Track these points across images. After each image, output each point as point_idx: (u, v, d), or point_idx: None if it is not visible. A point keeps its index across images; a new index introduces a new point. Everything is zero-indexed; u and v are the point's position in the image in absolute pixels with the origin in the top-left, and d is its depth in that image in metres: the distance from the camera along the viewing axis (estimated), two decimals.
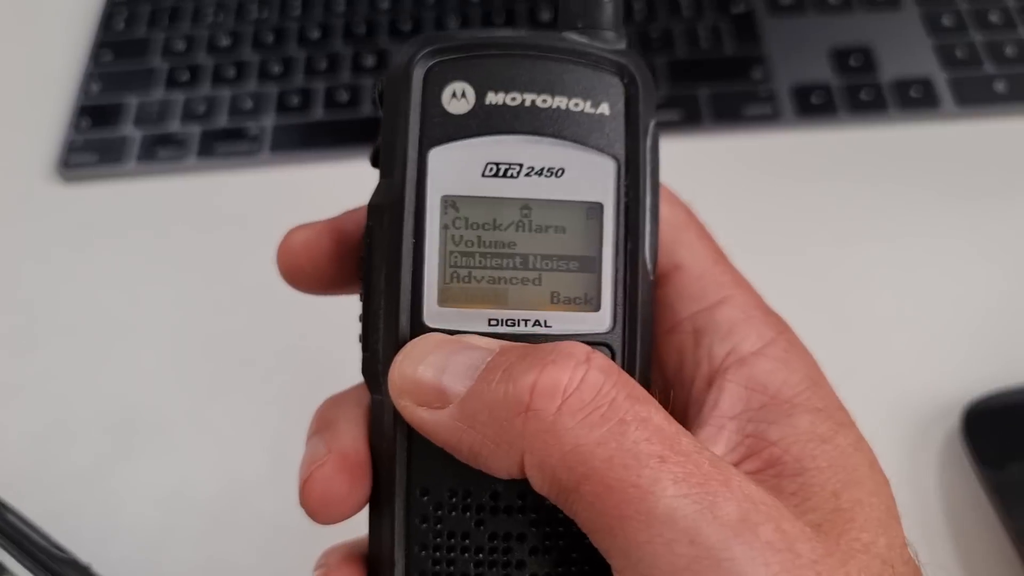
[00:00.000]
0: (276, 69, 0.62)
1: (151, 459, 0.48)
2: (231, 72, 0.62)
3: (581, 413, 0.21)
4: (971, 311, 0.50)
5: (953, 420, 0.45)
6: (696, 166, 0.57)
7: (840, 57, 0.59)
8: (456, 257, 0.26)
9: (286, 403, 0.49)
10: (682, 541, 0.20)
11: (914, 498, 0.44)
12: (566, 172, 0.26)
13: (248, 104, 0.60)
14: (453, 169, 0.25)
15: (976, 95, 0.57)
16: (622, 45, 0.27)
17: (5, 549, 0.37)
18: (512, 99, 0.26)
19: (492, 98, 0.25)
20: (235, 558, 0.44)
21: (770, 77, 0.59)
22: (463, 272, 0.26)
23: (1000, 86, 0.57)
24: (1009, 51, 0.58)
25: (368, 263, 0.26)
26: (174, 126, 0.60)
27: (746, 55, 0.60)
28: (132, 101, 0.61)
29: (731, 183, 0.56)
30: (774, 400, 0.26)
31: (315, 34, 0.63)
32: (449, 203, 0.26)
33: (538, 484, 0.22)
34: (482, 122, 0.25)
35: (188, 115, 0.60)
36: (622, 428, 0.21)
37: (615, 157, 0.26)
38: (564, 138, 0.26)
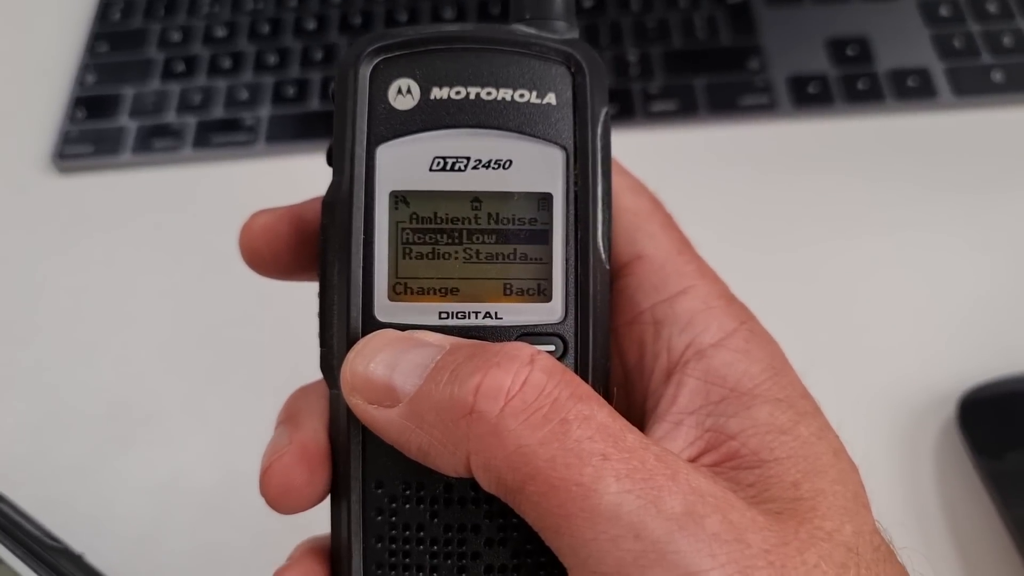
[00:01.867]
0: (272, 60, 0.62)
1: (145, 449, 0.48)
2: (227, 63, 0.62)
3: (524, 414, 0.21)
4: (968, 300, 0.50)
5: (949, 409, 0.45)
6: (692, 156, 0.57)
7: (837, 47, 0.59)
8: (406, 252, 0.26)
9: (281, 393, 0.49)
10: (627, 537, 0.20)
11: (910, 488, 0.44)
12: (514, 163, 0.26)
13: (244, 95, 0.60)
14: (401, 165, 0.26)
15: (974, 85, 0.57)
16: (573, 35, 0.27)
17: None
18: (456, 93, 0.26)
19: (437, 93, 0.26)
20: (229, 548, 0.44)
21: (766, 67, 0.59)
22: (413, 266, 0.26)
23: (998, 76, 0.57)
24: (1007, 41, 0.58)
25: (323, 259, 0.26)
26: (170, 117, 0.60)
27: (742, 45, 0.60)
28: (128, 92, 0.61)
29: (727, 173, 0.56)
30: (733, 392, 0.25)
31: (311, 25, 0.63)
32: (398, 198, 0.26)
33: (485, 484, 0.22)
34: (427, 117, 0.26)
35: (184, 106, 0.60)
36: (564, 427, 0.21)
37: (563, 146, 0.26)
38: (510, 129, 0.26)
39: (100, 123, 0.60)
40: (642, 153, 0.56)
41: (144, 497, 0.46)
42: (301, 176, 0.56)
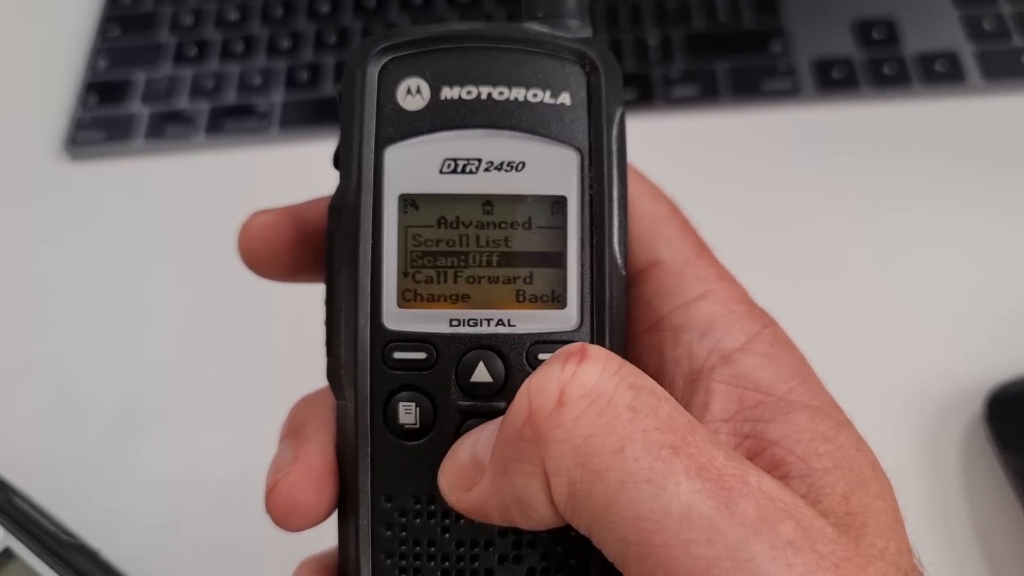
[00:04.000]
0: (285, 44, 0.61)
1: (160, 442, 0.48)
2: (240, 47, 0.61)
3: (584, 400, 0.20)
4: (996, 293, 0.49)
5: (976, 405, 0.44)
6: (713, 143, 0.56)
7: (862, 30, 0.58)
8: (415, 257, 0.25)
9: (297, 385, 0.48)
10: (699, 542, 0.19)
11: (936, 484, 0.43)
12: (527, 165, 0.25)
13: (257, 80, 0.59)
14: (410, 167, 0.25)
15: (1004, 69, 0.55)
16: (587, 33, 0.26)
17: (13, 534, 0.37)
18: (467, 92, 0.25)
19: (447, 92, 0.25)
20: (245, 543, 0.44)
21: (790, 51, 0.57)
22: (423, 272, 0.25)
23: None
24: None
25: (329, 265, 0.26)
26: (182, 103, 0.59)
27: (765, 28, 0.58)
28: (140, 77, 0.61)
29: (749, 160, 0.55)
30: (769, 397, 0.24)
31: (325, 8, 0.62)
32: (407, 202, 0.25)
33: (561, 503, 0.21)
34: (438, 118, 0.25)
35: (196, 91, 0.59)
36: (632, 415, 0.20)
37: (578, 148, 0.25)
38: (523, 130, 0.25)
39: (112, 109, 0.59)
40: (662, 140, 0.55)
41: (159, 490, 0.46)
42: (315, 162, 0.56)
